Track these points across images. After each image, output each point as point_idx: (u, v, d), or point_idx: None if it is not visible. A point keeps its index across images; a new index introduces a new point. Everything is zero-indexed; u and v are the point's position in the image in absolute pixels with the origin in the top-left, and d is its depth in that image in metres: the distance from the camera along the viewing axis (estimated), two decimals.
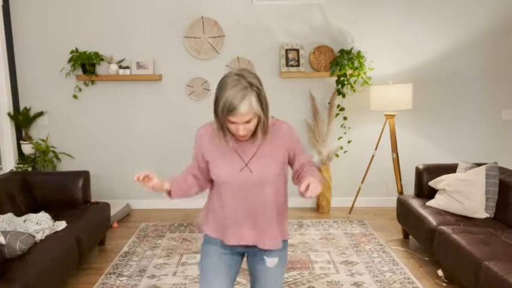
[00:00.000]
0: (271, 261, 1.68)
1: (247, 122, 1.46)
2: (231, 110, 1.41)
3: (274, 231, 1.66)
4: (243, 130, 1.47)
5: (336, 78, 4.37)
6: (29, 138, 4.51)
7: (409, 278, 2.95)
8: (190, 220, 4.30)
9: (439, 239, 2.89)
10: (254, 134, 1.55)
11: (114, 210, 4.20)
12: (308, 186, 1.43)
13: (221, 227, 1.67)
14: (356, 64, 4.31)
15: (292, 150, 1.66)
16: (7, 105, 4.37)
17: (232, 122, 1.46)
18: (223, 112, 1.43)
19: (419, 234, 3.23)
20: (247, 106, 1.41)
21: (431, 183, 3.46)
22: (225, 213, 1.65)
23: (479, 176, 3.18)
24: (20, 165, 4.33)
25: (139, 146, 4.67)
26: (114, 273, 3.09)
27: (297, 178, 1.69)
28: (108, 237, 3.79)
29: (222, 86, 1.45)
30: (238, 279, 2.92)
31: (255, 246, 1.67)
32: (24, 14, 4.48)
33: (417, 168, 3.66)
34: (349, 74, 4.34)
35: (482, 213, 3.11)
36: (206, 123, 1.69)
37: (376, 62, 4.52)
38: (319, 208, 4.57)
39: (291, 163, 1.70)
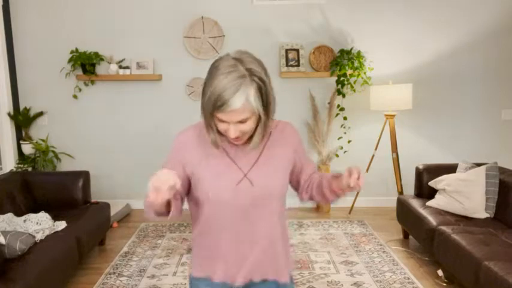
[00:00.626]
0: None
1: (241, 121, 1.11)
2: (219, 104, 1.07)
3: (280, 263, 1.31)
4: (234, 132, 1.13)
5: (336, 78, 4.37)
6: (29, 138, 4.51)
7: (409, 278, 2.95)
8: (191, 220, 4.30)
9: (439, 239, 2.89)
10: (251, 137, 1.21)
11: (114, 210, 4.20)
12: (359, 175, 1.15)
13: (208, 261, 1.29)
14: (356, 64, 4.31)
15: (298, 157, 1.35)
16: (7, 105, 4.37)
17: (222, 121, 1.12)
18: (208, 106, 1.10)
19: (419, 234, 3.23)
20: (241, 101, 1.07)
21: (431, 183, 3.46)
22: (215, 245, 1.26)
23: (479, 176, 3.18)
24: (20, 165, 4.32)
25: (139, 146, 4.67)
26: (114, 273, 3.09)
27: (308, 189, 1.37)
28: (108, 237, 3.79)
29: (212, 71, 1.11)
30: None
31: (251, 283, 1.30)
32: (24, 14, 4.48)
33: (417, 168, 3.66)
34: (349, 74, 4.34)
35: (482, 213, 3.11)
36: (187, 127, 1.30)
37: (376, 62, 4.52)
38: (319, 208, 4.56)
39: (296, 176, 1.37)
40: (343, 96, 4.38)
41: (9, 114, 4.37)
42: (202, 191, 1.22)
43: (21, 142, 4.49)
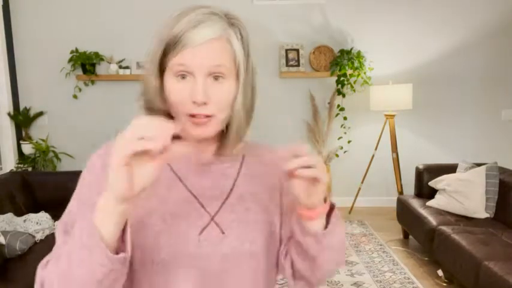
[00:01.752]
0: None
1: (216, 74, 0.71)
2: (181, 36, 0.71)
3: None
4: (202, 90, 0.69)
5: (336, 78, 4.36)
6: (29, 138, 4.50)
7: (409, 278, 2.95)
8: None
9: (439, 239, 2.89)
10: (222, 138, 0.78)
11: None
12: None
13: None
14: (356, 64, 4.31)
15: (286, 195, 0.82)
16: (7, 105, 4.37)
17: (182, 73, 0.71)
18: (161, 47, 0.73)
19: (419, 234, 3.23)
20: (218, 29, 0.72)
21: (431, 183, 3.46)
22: None
23: (479, 176, 3.18)
24: (20, 165, 4.32)
25: None
26: None
27: (286, 256, 0.82)
28: None
29: (170, 20, 0.78)
30: None
31: None
32: (24, 14, 4.48)
33: (417, 168, 3.66)
34: (349, 74, 4.34)
35: (482, 213, 3.11)
36: (104, 147, 0.86)
37: (376, 62, 4.51)
38: None
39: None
40: (343, 96, 4.38)
41: (9, 114, 4.37)
42: (142, 246, 0.72)
43: (21, 142, 4.49)
